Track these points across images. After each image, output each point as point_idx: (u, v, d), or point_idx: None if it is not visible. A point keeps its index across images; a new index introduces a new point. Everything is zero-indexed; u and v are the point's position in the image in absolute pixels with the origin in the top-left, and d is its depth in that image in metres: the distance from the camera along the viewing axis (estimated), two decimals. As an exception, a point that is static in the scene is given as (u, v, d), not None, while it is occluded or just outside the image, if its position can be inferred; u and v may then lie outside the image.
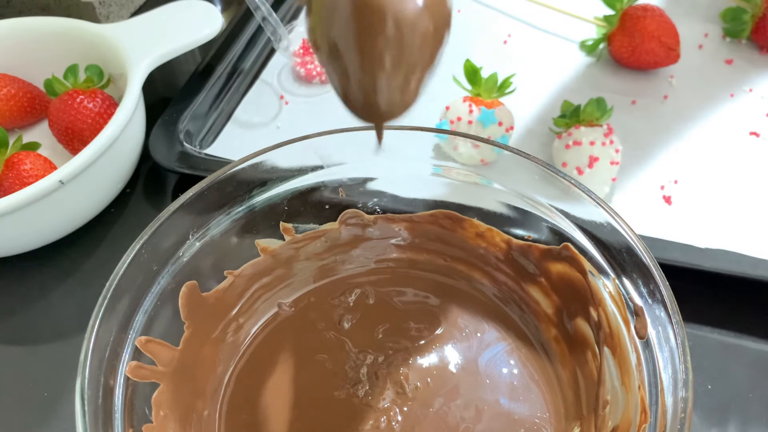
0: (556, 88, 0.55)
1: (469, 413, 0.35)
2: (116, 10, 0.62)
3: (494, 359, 0.37)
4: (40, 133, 0.52)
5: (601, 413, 0.33)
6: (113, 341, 0.31)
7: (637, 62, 0.55)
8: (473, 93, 0.48)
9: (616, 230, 0.32)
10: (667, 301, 0.30)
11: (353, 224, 0.40)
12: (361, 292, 0.40)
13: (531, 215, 0.37)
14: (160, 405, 0.33)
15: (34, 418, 0.39)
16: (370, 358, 0.37)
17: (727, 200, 0.46)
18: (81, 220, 0.46)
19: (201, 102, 0.52)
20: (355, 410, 0.35)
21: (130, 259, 0.32)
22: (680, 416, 0.27)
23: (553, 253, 0.36)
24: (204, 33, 0.51)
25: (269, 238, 0.39)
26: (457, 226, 0.39)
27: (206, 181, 0.35)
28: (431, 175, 0.39)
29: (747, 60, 0.57)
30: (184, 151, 0.48)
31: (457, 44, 0.59)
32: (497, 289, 0.40)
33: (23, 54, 0.52)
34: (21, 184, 0.43)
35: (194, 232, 0.35)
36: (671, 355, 0.29)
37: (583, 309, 0.35)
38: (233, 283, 0.38)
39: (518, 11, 0.62)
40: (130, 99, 0.45)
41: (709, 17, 0.60)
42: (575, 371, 0.35)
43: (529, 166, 0.35)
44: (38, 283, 0.45)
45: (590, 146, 0.45)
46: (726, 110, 0.53)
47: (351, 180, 0.39)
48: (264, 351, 0.38)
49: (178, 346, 0.35)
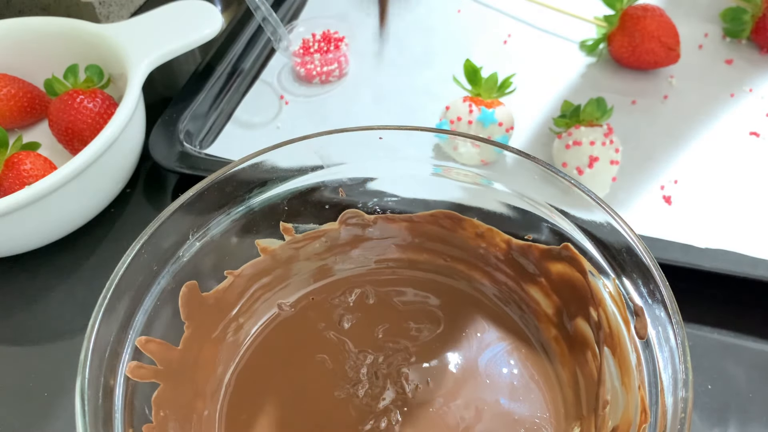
0: (556, 88, 0.55)
1: (469, 413, 0.35)
2: (116, 10, 0.62)
3: (494, 359, 0.37)
4: (40, 133, 0.52)
5: (601, 413, 0.33)
6: (113, 341, 0.31)
7: (637, 62, 0.55)
8: (473, 93, 0.48)
9: (616, 230, 0.32)
10: (667, 301, 0.30)
11: (353, 224, 0.40)
12: (361, 292, 0.40)
13: (531, 215, 0.37)
14: (160, 405, 0.33)
15: (34, 417, 0.39)
16: (370, 358, 0.37)
17: (727, 200, 0.46)
18: (81, 220, 0.46)
19: (201, 102, 0.52)
20: (355, 410, 0.35)
21: (130, 259, 0.32)
22: (680, 416, 0.27)
23: (553, 253, 0.36)
24: (204, 33, 0.51)
25: (269, 238, 0.39)
26: (457, 226, 0.39)
27: (206, 181, 0.35)
28: (431, 175, 0.39)
29: (747, 60, 0.57)
30: (184, 151, 0.48)
31: (457, 44, 0.59)
32: (497, 289, 0.40)
33: (23, 54, 0.52)
34: (21, 184, 0.43)
35: (194, 232, 0.35)
36: (671, 355, 0.29)
37: (583, 309, 0.35)
38: (233, 283, 0.38)
39: (518, 11, 0.62)
40: (130, 99, 0.45)
41: (709, 17, 0.60)
42: (575, 371, 0.35)
43: (529, 166, 0.35)
44: (38, 283, 0.45)
45: (590, 146, 0.45)
46: (726, 110, 0.53)
47: (351, 180, 0.39)
48: (264, 351, 0.38)
49: (178, 346, 0.35)
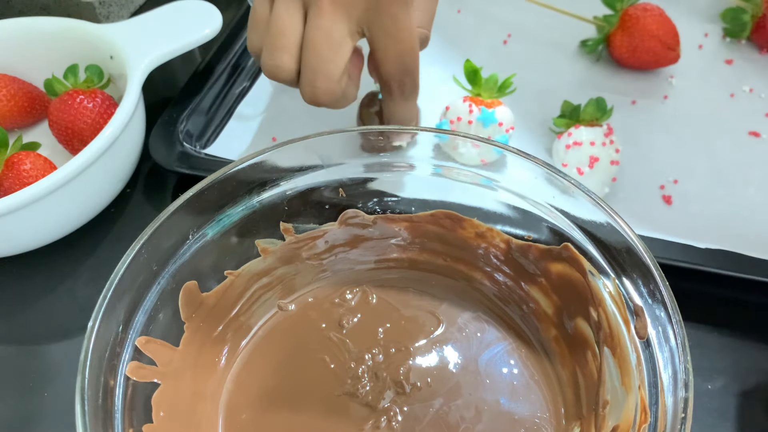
0: (556, 88, 0.55)
1: (469, 413, 0.35)
2: (116, 10, 0.62)
3: (494, 359, 0.37)
4: (40, 133, 0.52)
5: (601, 413, 0.33)
6: (113, 341, 0.31)
7: (637, 62, 0.55)
8: (473, 93, 0.48)
9: (616, 230, 0.32)
10: (667, 301, 0.30)
11: (353, 224, 0.40)
12: (362, 292, 0.40)
13: (531, 215, 0.37)
14: (160, 405, 0.33)
15: (34, 417, 0.39)
16: (370, 358, 0.37)
17: (727, 200, 0.46)
18: (81, 220, 0.46)
19: (201, 102, 0.52)
20: (356, 410, 0.35)
21: (130, 259, 0.32)
22: (680, 416, 0.27)
23: (553, 253, 0.36)
24: (204, 33, 0.51)
25: (269, 238, 0.39)
26: (457, 226, 0.39)
27: (206, 181, 0.35)
28: (431, 175, 0.39)
29: (747, 60, 0.57)
30: (184, 151, 0.48)
31: (457, 44, 0.59)
32: (497, 289, 0.40)
33: (23, 54, 0.52)
34: (21, 184, 0.43)
35: (194, 232, 0.35)
36: (671, 355, 0.29)
37: (583, 309, 0.35)
38: (233, 283, 0.38)
39: (518, 11, 0.62)
40: (130, 99, 0.45)
41: (709, 17, 0.60)
42: (575, 371, 0.36)
43: (529, 166, 0.35)
44: (38, 283, 0.45)
45: (590, 146, 0.45)
46: (726, 110, 0.53)
47: (351, 180, 0.39)
48: (264, 351, 0.38)
49: (178, 346, 0.35)
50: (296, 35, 0.40)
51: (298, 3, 0.40)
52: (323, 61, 0.40)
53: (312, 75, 0.40)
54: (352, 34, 0.40)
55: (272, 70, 0.41)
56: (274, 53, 0.40)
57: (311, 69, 0.40)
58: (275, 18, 0.40)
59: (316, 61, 0.40)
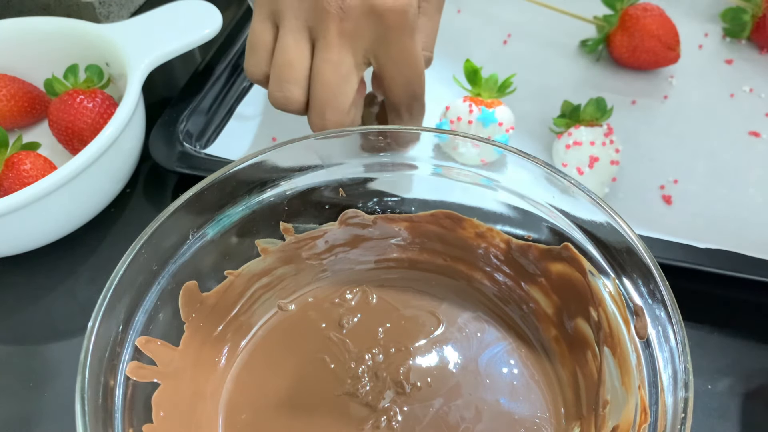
0: (556, 88, 0.55)
1: (469, 413, 0.35)
2: (116, 10, 0.62)
3: (494, 359, 0.37)
4: (40, 133, 0.52)
5: (601, 413, 0.33)
6: (113, 341, 0.31)
7: (637, 62, 0.55)
8: (473, 93, 0.48)
9: (616, 230, 0.32)
10: (667, 301, 0.30)
11: (353, 224, 0.40)
12: (362, 292, 0.40)
13: (531, 215, 0.37)
14: (160, 405, 0.33)
15: (34, 417, 0.39)
16: (370, 358, 0.37)
17: (727, 200, 0.46)
18: (81, 220, 0.46)
19: (201, 102, 0.52)
20: (356, 410, 0.35)
21: (130, 259, 0.32)
22: (680, 416, 0.27)
23: (553, 253, 0.36)
24: (204, 33, 0.51)
25: (269, 238, 0.39)
26: (457, 226, 0.39)
27: (206, 181, 0.35)
28: (431, 175, 0.39)
29: (747, 60, 0.57)
30: (184, 151, 0.48)
31: (457, 44, 0.59)
32: (497, 289, 0.40)
33: (23, 54, 0.52)
34: (21, 184, 0.43)
35: (194, 232, 0.35)
36: (671, 355, 0.29)
37: (583, 309, 0.35)
38: (233, 283, 0.38)
39: (518, 11, 0.62)
40: (130, 99, 0.45)
41: (709, 17, 0.60)
42: (575, 371, 0.36)
43: (529, 166, 0.35)
44: (38, 283, 0.45)
45: (590, 146, 0.45)
46: (726, 110, 0.53)
47: (351, 180, 0.39)
48: (264, 351, 0.38)
49: (178, 346, 0.35)
50: (304, 67, 0.40)
51: (305, 33, 0.39)
52: (333, 95, 0.39)
53: (321, 108, 0.40)
54: (359, 65, 0.40)
55: (281, 101, 0.41)
56: (282, 85, 0.40)
57: (321, 102, 0.40)
58: (282, 49, 0.40)
59: (325, 94, 0.39)
